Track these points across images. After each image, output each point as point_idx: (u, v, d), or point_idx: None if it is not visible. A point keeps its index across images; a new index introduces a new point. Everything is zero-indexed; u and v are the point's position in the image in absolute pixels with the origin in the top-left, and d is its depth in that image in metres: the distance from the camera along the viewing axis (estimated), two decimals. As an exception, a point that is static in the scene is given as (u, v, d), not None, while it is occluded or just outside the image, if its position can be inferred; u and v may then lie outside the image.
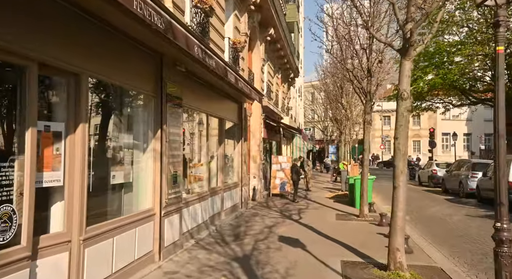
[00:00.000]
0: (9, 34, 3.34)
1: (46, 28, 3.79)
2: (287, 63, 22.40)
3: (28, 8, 3.56)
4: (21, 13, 3.49)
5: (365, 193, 11.59)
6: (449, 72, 24.12)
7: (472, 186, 17.14)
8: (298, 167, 15.39)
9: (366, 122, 11.69)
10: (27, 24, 3.55)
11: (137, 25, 4.32)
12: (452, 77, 23.85)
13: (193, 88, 8.17)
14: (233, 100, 11.41)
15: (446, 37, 26.35)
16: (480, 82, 28.00)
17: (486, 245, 8.24)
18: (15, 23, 3.42)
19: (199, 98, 8.57)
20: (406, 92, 6.04)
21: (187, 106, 7.95)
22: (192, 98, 8.14)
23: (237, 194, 11.84)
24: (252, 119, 15.67)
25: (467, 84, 27.04)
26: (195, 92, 8.32)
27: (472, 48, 22.23)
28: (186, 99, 7.65)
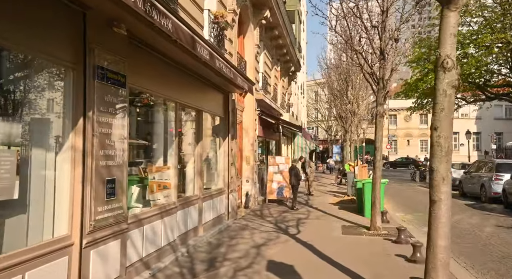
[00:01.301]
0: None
1: None
2: (287, 54, 20.37)
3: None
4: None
5: (378, 201, 9.52)
6: (465, 63, 21.99)
7: (496, 190, 15.03)
8: (297, 169, 13.34)
9: (378, 115, 9.63)
10: None
11: None
12: (468, 69, 21.70)
13: (155, 67, 6.17)
14: (216, 88, 9.40)
15: (459, 29, 24.22)
16: (496, 76, 25.88)
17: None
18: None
19: (165, 82, 6.57)
20: (451, 58, 3.98)
21: (142, 88, 5.93)
22: (153, 79, 6.14)
23: (222, 202, 9.81)
24: (245, 114, 13.66)
25: (482, 78, 24.92)
26: (159, 72, 6.32)
27: (490, 37, 20.10)
28: (140, 79, 5.65)
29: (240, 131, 13.45)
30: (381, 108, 9.64)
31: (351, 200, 15.18)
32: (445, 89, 4.03)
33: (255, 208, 13.39)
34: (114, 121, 4.70)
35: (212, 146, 10.14)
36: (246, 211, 12.55)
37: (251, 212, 12.54)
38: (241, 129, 13.49)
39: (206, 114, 9.14)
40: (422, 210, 13.94)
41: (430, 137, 4.16)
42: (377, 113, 9.69)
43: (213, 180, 9.98)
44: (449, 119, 4.05)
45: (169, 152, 6.95)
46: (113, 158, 4.61)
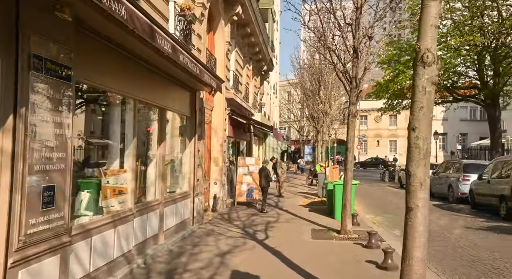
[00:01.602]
0: None
1: None
2: (260, 53, 19.95)
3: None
4: None
5: (349, 203, 9.23)
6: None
7: (463, 190, 15.17)
8: (267, 170, 12.92)
9: (351, 115, 9.34)
10: None
11: None
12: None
13: (110, 60, 5.59)
14: (182, 86, 8.84)
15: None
16: (463, 78, 26.43)
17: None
18: None
19: (122, 77, 5.99)
20: (431, 52, 3.64)
21: (94, 83, 5.33)
22: (108, 74, 5.55)
23: (187, 207, 9.25)
24: (214, 114, 13.14)
25: (450, 80, 25.39)
26: (115, 67, 5.74)
27: (459, 39, 20.39)
28: (92, 73, 5.06)
29: (209, 131, 12.92)
30: (354, 108, 9.35)
31: (321, 202, 14.92)
32: (425, 85, 3.68)
33: (224, 211, 12.89)
34: (55, 119, 4.10)
35: (177, 147, 9.57)
36: (213, 215, 12.03)
37: (219, 215, 12.04)
38: (210, 129, 12.95)
39: (170, 113, 8.57)
40: (392, 211, 13.84)
41: (407, 138, 3.80)
42: (349, 113, 9.39)
43: (178, 183, 9.41)
44: (428, 118, 3.71)
45: (126, 153, 6.35)
46: (52, 161, 4.01)
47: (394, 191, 22.18)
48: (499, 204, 11.84)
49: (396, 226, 10.97)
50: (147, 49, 5.61)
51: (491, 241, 8.87)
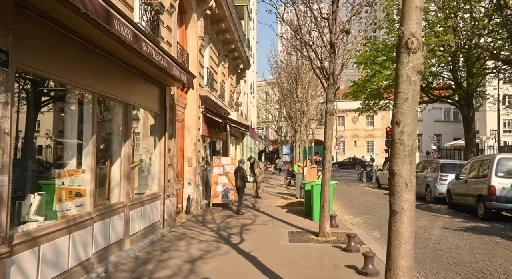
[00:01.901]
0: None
1: None
2: (235, 51, 19.47)
3: None
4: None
5: (327, 205, 8.87)
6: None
7: (441, 190, 15.11)
8: (243, 170, 12.46)
9: (329, 113, 8.99)
10: None
11: None
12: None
13: (62, 47, 5.02)
14: (150, 80, 8.29)
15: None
16: (438, 78, 26.69)
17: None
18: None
19: (78, 67, 5.43)
20: (416, 37, 3.27)
21: (41, 72, 4.75)
22: (60, 62, 4.98)
23: (157, 209, 8.70)
24: (188, 112, 12.60)
25: (426, 80, 25.59)
26: (68, 55, 5.18)
27: (434, 39, 20.48)
28: (38, 60, 4.49)
29: (182, 129, 12.38)
30: (331, 105, 9.01)
31: (299, 203, 14.58)
32: (409, 74, 3.31)
33: (198, 213, 12.36)
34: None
35: (146, 146, 9.01)
36: (186, 217, 11.49)
37: (192, 218, 11.50)
38: (183, 127, 12.42)
39: (136, 109, 8.01)
40: (371, 212, 13.62)
41: (391, 134, 3.42)
42: (327, 111, 9.05)
43: (147, 184, 8.85)
44: (413, 111, 3.33)
45: (85, 152, 5.78)
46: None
47: (372, 191, 22.09)
48: (477, 204, 11.76)
49: (375, 227, 10.71)
50: (106, 37, 5.08)
51: (472, 242, 8.68)
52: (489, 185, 11.16)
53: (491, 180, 11.11)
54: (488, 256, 7.50)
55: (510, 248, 8.13)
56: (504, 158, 11.44)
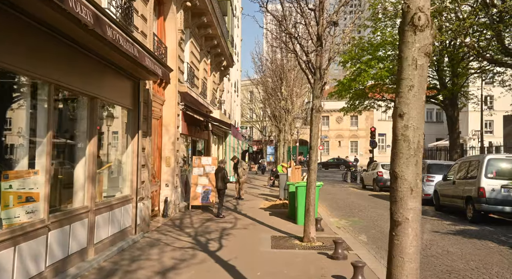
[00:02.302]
0: None
1: None
2: (218, 47, 18.80)
3: None
4: None
5: (312, 208, 8.31)
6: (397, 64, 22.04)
7: (427, 191, 14.76)
8: (224, 171, 11.82)
9: (315, 110, 8.43)
10: None
11: None
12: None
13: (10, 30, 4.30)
14: (122, 72, 7.58)
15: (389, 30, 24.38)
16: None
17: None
18: None
19: (30, 54, 4.71)
20: (424, 12, 2.71)
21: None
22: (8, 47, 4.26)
23: (128, 213, 7.99)
24: (166, 109, 11.89)
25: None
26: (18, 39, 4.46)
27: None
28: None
29: (160, 127, 11.67)
30: (318, 102, 8.45)
31: (283, 205, 14.01)
32: (416, 57, 2.74)
33: (175, 216, 11.66)
34: None
35: (116, 145, 8.29)
36: (163, 221, 10.79)
37: (170, 221, 10.81)
38: (160, 125, 11.71)
39: (107, 104, 7.30)
40: (357, 214, 13.15)
41: (392, 128, 2.84)
42: (313, 108, 8.48)
43: (118, 186, 8.13)
44: (420, 101, 2.77)
45: (39, 151, 5.05)
46: None
47: (357, 192, 21.71)
48: (466, 206, 11.38)
49: (362, 230, 10.21)
50: (60, 17, 4.38)
51: (464, 247, 8.23)
52: (478, 186, 10.79)
53: (481, 181, 10.75)
54: (483, 263, 7.04)
55: (504, 254, 7.70)
56: (493, 159, 11.09)
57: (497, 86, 26.55)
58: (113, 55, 6.37)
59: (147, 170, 9.19)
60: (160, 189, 11.66)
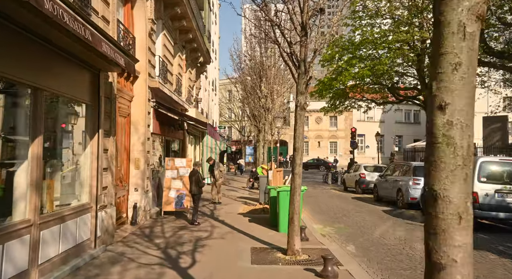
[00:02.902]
0: None
1: None
2: (194, 41, 17.75)
3: None
4: None
5: (296, 217, 7.44)
6: (378, 63, 21.49)
7: (414, 195, 14.14)
8: (199, 174, 10.81)
9: (299, 107, 7.56)
10: None
11: None
12: (381, 69, 21.17)
13: None
14: (76, 61, 6.52)
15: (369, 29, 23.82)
16: (406, 78, 26.15)
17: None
18: None
19: None
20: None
21: None
22: None
23: (86, 225, 6.92)
24: (135, 106, 10.81)
25: (393, 79, 24.95)
26: None
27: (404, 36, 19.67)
28: None
29: (128, 126, 10.59)
30: (302, 98, 7.58)
31: (263, 210, 13.12)
32: (464, 21, 1.86)
33: (145, 224, 10.59)
34: None
35: (70, 145, 7.19)
36: (131, 230, 9.73)
37: (138, 230, 9.75)
38: (128, 123, 10.63)
39: (54, 96, 6.21)
40: (342, 220, 12.38)
41: (427, 128, 1.96)
42: (297, 104, 7.61)
43: (74, 193, 7.04)
44: (470, 86, 1.89)
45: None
46: None
47: (338, 194, 21.05)
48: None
49: (349, 239, 9.41)
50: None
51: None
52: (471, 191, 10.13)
53: (473, 186, 10.11)
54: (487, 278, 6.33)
55: (508, 267, 7.02)
56: (486, 161, 10.49)
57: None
58: (64, 40, 5.32)
59: (110, 173, 8.12)
60: (128, 194, 10.58)
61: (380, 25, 24.25)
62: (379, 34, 22.13)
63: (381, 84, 25.43)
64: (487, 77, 26.33)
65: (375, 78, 23.55)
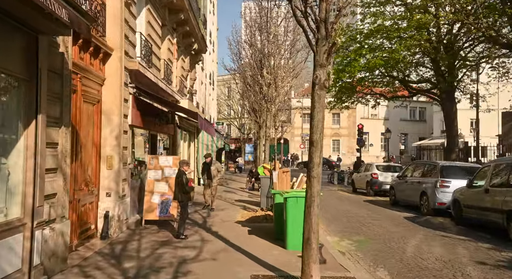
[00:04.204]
0: None
1: None
2: (187, 24, 15.63)
3: None
4: None
5: (314, 237, 5.33)
6: (392, 51, 19.35)
7: (442, 200, 12.07)
8: (184, 176, 8.66)
9: (318, 85, 5.45)
10: None
11: None
12: (397, 57, 19.02)
13: None
14: (4, 17, 4.41)
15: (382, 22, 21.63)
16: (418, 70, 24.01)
17: None
18: None
19: None
20: None
21: None
22: None
23: (13, 250, 4.81)
24: (107, 91, 8.72)
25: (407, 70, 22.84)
26: None
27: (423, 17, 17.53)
28: None
29: (98, 116, 8.49)
30: (323, 73, 5.47)
31: (266, 217, 11.03)
32: None
33: (120, 237, 8.50)
34: None
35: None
36: (100, 246, 7.66)
37: (108, 246, 7.66)
38: (99, 112, 8.53)
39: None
40: (359, 229, 10.28)
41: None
42: (315, 82, 5.51)
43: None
44: None
45: None
46: None
47: (348, 196, 19.00)
48: (507, 223, 8.56)
49: (378, 260, 7.31)
50: None
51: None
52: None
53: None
54: None
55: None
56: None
57: (493, 80, 24.38)
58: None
59: (62, 176, 6.01)
60: (98, 201, 8.49)
61: (390, 13, 22.24)
62: (393, 19, 20.06)
63: (392, 76, 23.37)
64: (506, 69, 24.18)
65: (389, 68, 21.42)
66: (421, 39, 18.47)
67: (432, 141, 47.01)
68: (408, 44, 18.49)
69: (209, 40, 28.27)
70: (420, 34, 18.31)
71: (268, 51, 15.84)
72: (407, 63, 21.56)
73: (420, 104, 58.22)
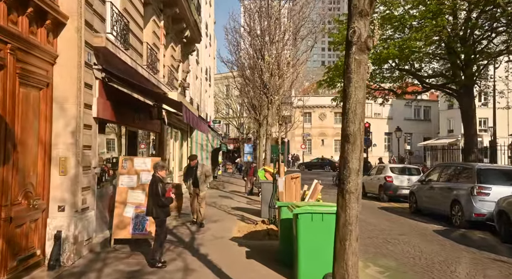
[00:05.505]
0: None
1: None
2: (176, 5, 13.55)
3: None
4: None
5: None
6: (409, 38, 17.28)
7: (480, 211, 10.00)
8: (160, 184, 6.51)
9: (356, 45, 3.36)
10: None
11: None
12: (413, 45, 16.95)
13: None
14: None
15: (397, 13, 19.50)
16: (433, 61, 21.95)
17: None
18: None
19: None
20: None
21: None
22: None
23: None
24: (60, 72, 6.68)
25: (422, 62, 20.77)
26: None
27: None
28: None
29: (46, 104, 6.41)
30: (364, 25, 3.41)
31: (267, 232, 8.93)
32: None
33: (76, 265, 6.39)
34: None
35: None
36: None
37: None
38: (48, 100, 6.44)
39: None
40: (385, 248, 8.05)
41: None
42: (351, 40, 3.43)
43: None
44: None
45: None
46: None
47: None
48: None
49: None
50: None
51: None
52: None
53: None
54: None
55: None
56: None
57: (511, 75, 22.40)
58: None
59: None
60: (46, 217, 6.40)
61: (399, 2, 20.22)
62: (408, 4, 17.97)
63: (404, 70, 21.35)
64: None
65: (403, 60, 19.31)
66: (442, 24, 16.39)
67: (438, 141, 45.01)
68: (427, 30, 16.41)
69: (205, 32, 26.23)
70: (441, 19, 16.21)
71: (269, 38, 13.77)
72: (422, 55, 19.47)
73: (424, 103, 56.20)
